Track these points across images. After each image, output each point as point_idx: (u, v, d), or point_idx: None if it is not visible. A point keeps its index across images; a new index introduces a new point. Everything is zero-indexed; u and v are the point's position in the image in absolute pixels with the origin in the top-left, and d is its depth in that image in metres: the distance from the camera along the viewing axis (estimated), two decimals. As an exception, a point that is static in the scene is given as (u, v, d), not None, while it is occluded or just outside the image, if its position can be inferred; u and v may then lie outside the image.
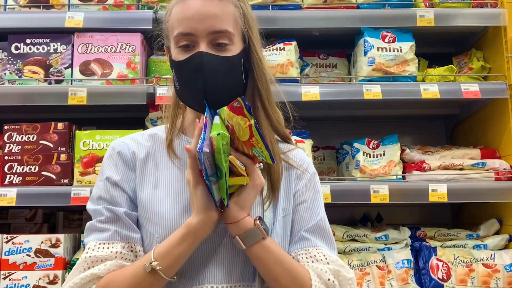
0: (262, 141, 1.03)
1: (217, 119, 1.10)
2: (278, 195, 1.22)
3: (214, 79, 1.15)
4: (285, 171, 1.26)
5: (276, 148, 1.23)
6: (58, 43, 2.24)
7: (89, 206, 1.23)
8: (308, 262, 1.18)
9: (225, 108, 1.07)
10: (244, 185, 1.10)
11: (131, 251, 1.16)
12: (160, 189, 1.21)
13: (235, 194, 1.11)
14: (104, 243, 1.15)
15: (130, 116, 2.41)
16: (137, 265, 1.11)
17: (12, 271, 2.01)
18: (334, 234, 2.12)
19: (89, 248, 1.15)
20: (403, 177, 2.20)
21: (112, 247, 1.15)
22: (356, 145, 2.26)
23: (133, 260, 1.15)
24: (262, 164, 1.17)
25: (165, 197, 1.19)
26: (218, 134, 1.00)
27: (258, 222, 1.10)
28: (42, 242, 2.04)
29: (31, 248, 2.03)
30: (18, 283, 2.00)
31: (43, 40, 2.24)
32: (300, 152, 1.33)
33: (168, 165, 1.23)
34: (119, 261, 1.13)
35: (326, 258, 1.19)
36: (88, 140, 2.13)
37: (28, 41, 2.24)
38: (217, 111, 1.11)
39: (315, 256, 1.19)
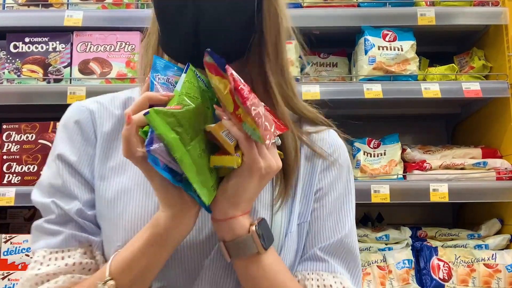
0: (248, 113, 0.70)
1: (183, 78, 0.75)
2: (294, 192, 0.89)
3: (212, 15, 0.79)
4: (306, 161, 0.93)
5: (290, 125, 0.88)
6: (57, 42, 2.22)
7: (36, 197, 0.90)
8: None
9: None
10: (235, 168, 0.75)
11: (94, 257, 0.88)
12: (127, 176, 0.88)
13: (223, 181, 0.78)
14: (56, 252, 0.85)
15: (129, 115, 2.39)
16: (89, 283, 0.80)
17: (11, 271, 2.00)
18: (334, 234, 2.12)
19: (36, 261, 0.85)
20: (404, 177, 2.19)
21: (68, 257, 0.85)
22: (356, 144, 2.25)
23: (96, 270, 0.85)
24: (278, 139, 0.82)
25: (134, 188, 0.87)
26: (146, 113, 0.67)
27: (255, 228, 0.78)
28: (41, 242, 2.02)
29: (30, 248, 2.00)
30: (17, 283, 1.99)
31: (42, 39, 2.22)
32: (332, 134, 0.99)
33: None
34: (76, 275, 0.83)
35: None
36: (87, 140, 2.10)
37: (26, 40, 2.22)
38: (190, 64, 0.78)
39: (330, 286, 0.85)
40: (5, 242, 2.03)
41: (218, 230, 0.80)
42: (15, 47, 2.23)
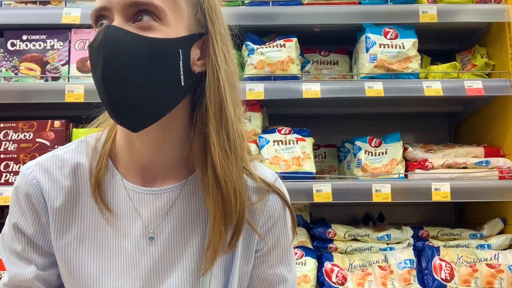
0: None
1: None
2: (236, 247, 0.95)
3: (121, 65, 0.79)
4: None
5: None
6: (55, 40, 2.21)
7: (1, 252, 0.95)
8: None
9: None
10: None
11: None
12: (86, 248, 0.92)
13: None
14: None
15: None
16: None
17: (8, 271, 1.98)
18: (335, 234, 2.11)
19: None
20: (406, 176, 2.17)
21: None
22: (357, 143, 2.23)
23: None
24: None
25: (93, 259, 0.92)
26: None
27: None
28: (38, 242, 2.01)
29: (27, 248, 2.00)
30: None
31: (40, 37, 2.21)
32: (272, 199, 1.00)
33: (97, 214, 0.92)
34: None
35: None
36: (85, 138, 2.09)
37: (24, 37, 2.21)
38: None
39: None
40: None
41: None
42: (13, 44, 2.21)
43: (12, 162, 2.08)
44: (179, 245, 0.92)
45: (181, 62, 0.85)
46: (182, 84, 0.86)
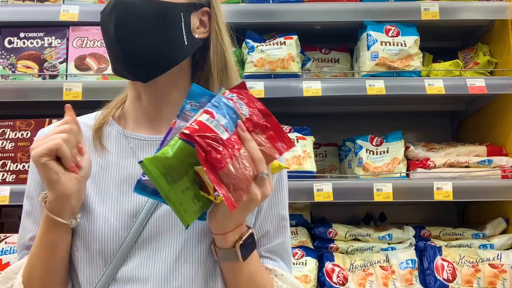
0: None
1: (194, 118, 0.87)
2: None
3: (132, 29, 0.97)
4: None
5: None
6: (53, 37, 2.19)
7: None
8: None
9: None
10: (216, 203, 0.90)
11: None
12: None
13: (214, 207, 0.92)
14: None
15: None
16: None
17: (5, 272, 1.97)
18: (336, 234, 2.10)
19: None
20: (407, 175, 2.17)
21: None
22: (359, 142, 2.22)
23: None
24: (266, 173, 0.88)
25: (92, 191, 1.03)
26: (140, 162, 0.82)
27: (239, 243, 0.92)
28: (36, 242, 2.00)
29: (24, 248, 1.99)
30: (12, 284, 1.96)
31: (37, 34, 2.19)
32: None
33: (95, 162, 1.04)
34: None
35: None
36: (83, 137, 2.08)
37: (21, 35, 2.19)
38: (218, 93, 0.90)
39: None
40: (0, 241, 2.00)
41: (214, 237, 0.95)
42: (10, 42, 2.19)
43: (9, 161, 2.07)
44: None
45: (183, 24, 1.00)
46: (186, 43, 1.01)
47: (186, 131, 0.81)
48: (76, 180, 0.93)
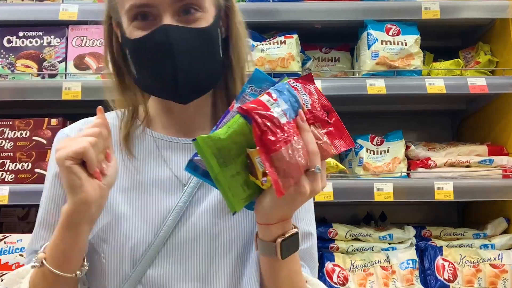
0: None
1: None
2: None
3: (187, 60, 0.98)
4: None
5: None
6: (52, 36, 2.18)
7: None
8: None
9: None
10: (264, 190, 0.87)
11: None
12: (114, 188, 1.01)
13: (262, 195, 0.88)
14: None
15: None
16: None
17: (4, 272, 1.96)
18: (336, 234, 2.09)
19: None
20: (408, 175, 2.16)
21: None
22: (359, 141, 2.22)
23: None
24: (319, 168, 0.85)
25: (119, 197, 1.03)
26: (194, 140, 0.81)
27: (281, 240, 0.89)
28: (35, 242, 1.99)
29: (23, 248, 1.97)
30: (11, 284, 1.95)
31: (36, 33, 2.18)
32: None
33: (121, 163, 1.04)
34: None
35: None
36: (82, 136, 2.08)
37: (20, 34, 2.18)
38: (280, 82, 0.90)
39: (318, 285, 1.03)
40: (-1, 241, 2.00)
41: (258, 227, 0.92)
42: (9, 41, 2.19)
43: (8, 161, 2.06)
44: (205, 189, 1.04)
45: (219, 38, 1.03)
46: (221, 56, 1.04)
47: (244, 107, 0.80)
48: (99, 187, 0.89)
